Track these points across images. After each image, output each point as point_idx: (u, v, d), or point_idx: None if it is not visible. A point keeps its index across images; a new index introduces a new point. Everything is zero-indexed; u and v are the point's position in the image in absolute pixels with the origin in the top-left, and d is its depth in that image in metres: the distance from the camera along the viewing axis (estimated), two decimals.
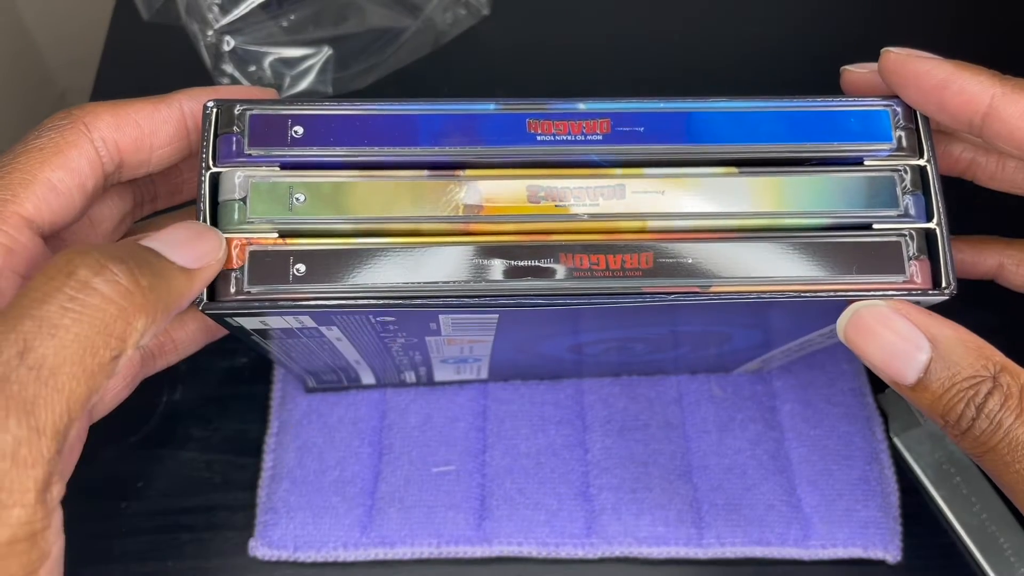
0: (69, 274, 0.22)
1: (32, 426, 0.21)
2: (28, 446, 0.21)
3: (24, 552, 0.22)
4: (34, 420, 0.21)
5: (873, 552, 0.41)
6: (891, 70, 0.29)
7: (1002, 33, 0.57)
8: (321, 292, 0.27)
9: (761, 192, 0.28)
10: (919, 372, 0.27)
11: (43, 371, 0.22)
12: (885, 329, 0.27)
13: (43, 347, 0.22)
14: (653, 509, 0.42)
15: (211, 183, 0.28)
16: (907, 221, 0.28)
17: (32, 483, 0.21)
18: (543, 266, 0.27)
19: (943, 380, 0.26)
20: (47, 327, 0.22)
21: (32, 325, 0.22)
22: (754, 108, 0.29)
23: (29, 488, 0.21)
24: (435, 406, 0.45)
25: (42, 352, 0.22)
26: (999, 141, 0.28)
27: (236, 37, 0.52)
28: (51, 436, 0.22)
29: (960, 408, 0.26)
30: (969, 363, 0.26)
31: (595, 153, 0.28)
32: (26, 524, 0.22)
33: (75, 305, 0.22)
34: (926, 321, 0.27)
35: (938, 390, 0.26)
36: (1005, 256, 0.36)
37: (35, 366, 0.22)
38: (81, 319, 0.22)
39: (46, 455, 0.22)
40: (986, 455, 0.26)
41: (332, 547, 0.41)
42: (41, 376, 0.22)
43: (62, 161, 0.27)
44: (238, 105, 0.28)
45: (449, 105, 0.28)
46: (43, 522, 0.22)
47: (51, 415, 0.22)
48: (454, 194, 0.28)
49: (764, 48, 0.57)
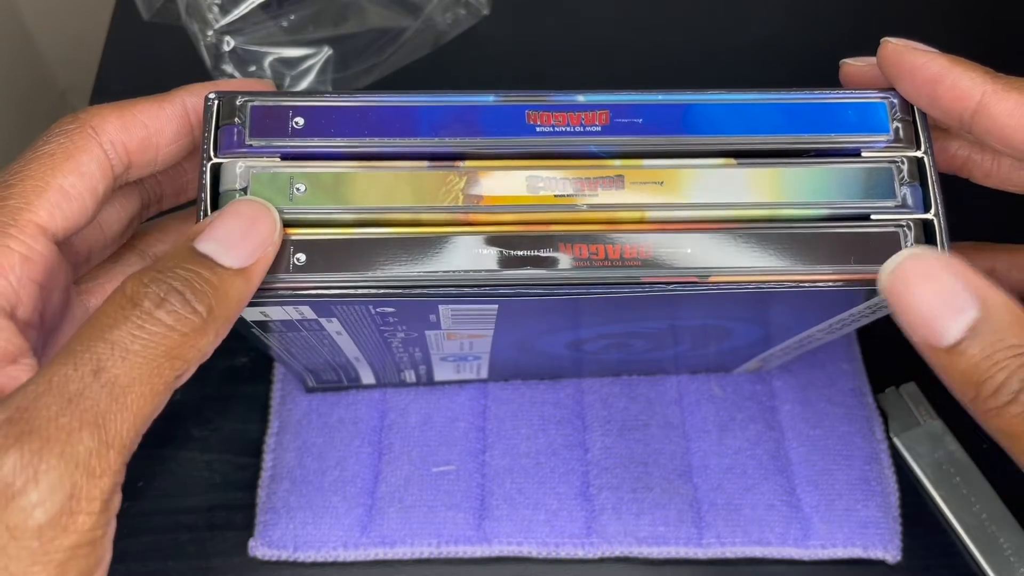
0: (135, 304, 0.24)
1: (103, 439, 0.23)
2: (98, 458, 0.23)
3: (84, 556, 0.23)
4: (104, 434, 0.23)
5: (873, 552, 0.41)
6: (888, 60, 0.29)
7: (1002, 30, 0.58)
8: (321, 282, 0.27)
9: (759, 183, 0.28)
10: (960, 333, 0.25)
11: (115, 389, 0.23)
12: (931, 283, 0.25)
13: (115, 368, 0.23)
14: (653, 509, 0.42)
15: (212, 174, 0.28)
16: (905, 212, 0.28)
17: (99, 492, 0.23)
18: (542, 256, 0.27)
19: (985, 345, 0.24)
20: (119, 351, 0.23)
21: (105, 348, 0.23)
22: (752, 100, 0.29)
23: (96, 497, 0.23)
24: (435, 406, 0.45)
25: (115, 372, 0.23)
26: (988, 137, 0.28)
27: (236, 37, 0.52)
28: (118, 449, 0.23)
29: (1001, 378, 0.24)
30: (1016, 331, 0.24)
31: (594, 144, 0.28)
32: (90, 531, 0.23)
33: (143, 333, 0.24)
34: (976, 281, 0.25)
35: (977, 355, 0.24)
36: (996, 260, 0.36)
37: (108, 384, 0.23)
38: (149, 345, 0.24)
39: (113, 466, 0.23)
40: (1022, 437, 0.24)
41: (332, 547, 0.41)
42: (113, 394, 0.23)
43: (73, 166, 0.28)
44: (239, 97, 0.28)
45: (449, 97, 0.29)
46: (104, 529, 0.24)
47: (120, 429, 0.23)
48: (454, 185, 0.28)
49: (762, 44, 0.57)
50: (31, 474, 0.22)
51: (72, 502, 0.22)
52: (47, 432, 0.22)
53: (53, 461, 0.22)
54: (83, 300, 0.32)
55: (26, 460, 0.22)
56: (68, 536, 0.22)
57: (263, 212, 0.27)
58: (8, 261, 0.26)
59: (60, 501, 0.22)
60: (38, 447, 0.22)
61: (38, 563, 0.22)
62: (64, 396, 0.23)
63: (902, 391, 0.44)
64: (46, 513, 0.22)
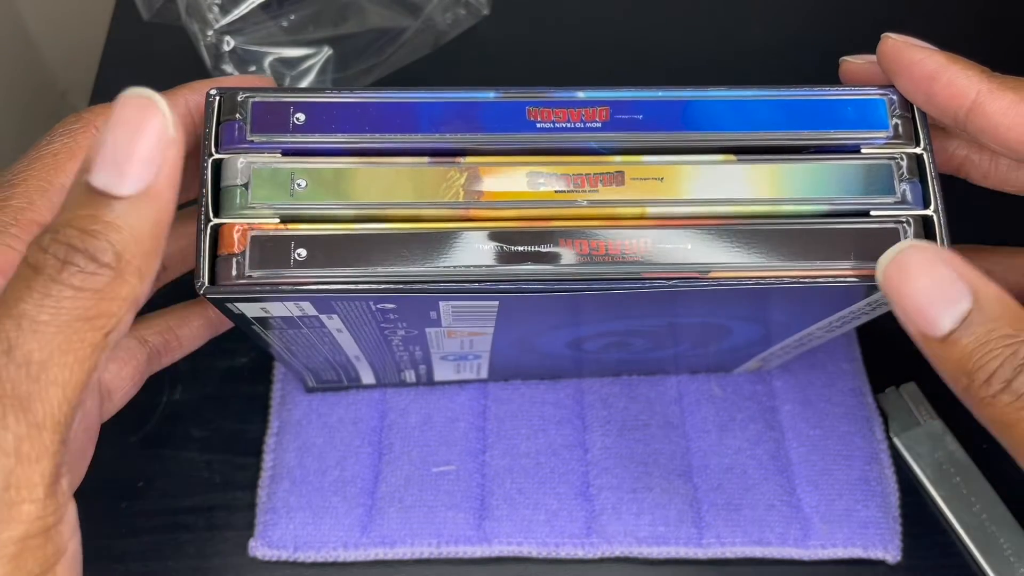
0: (38, 271, 0.22)
1: (31, 421, 0.22)
2: (30, 441, 0.21)
3: (39, 547, 0.22)
4: (32, 415, 0.22)
5: (873, 552, 0.41)
6: (887, 56, 0.29)
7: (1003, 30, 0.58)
8: (322, 277, 0.27)
9: (759, 179, 0.28)
10: (954, 323, 0.25)
11: (32, 366, 0.22)
12: (926, 274, 0.26)
13: (27, 343, 0.22)
14: (653, 509, 0.42)
15: (213, 170, 0.28)
16: (905, 208, 0.28)
17: (39, 477, 0.22)
18: (543, 251, 0.27)
19: (979, 334, 0.25)
20: (27, 323, 0.22)
21: (12, 324, 0.22)
22: (752, 96, 0.29)
23: (36, 482, 0.22)
24: (435, 406, 0.45)
25: (27, 348, 0.22)
26: (982, 136, 0.28)
27: (236, 37, 0.52)
28: (51, 428, 0.22)
29: (992, 367, 0.24)
30: (1008, 322, 0.25)
31: (594, 140, 0.28)
32: (38, 519, 0.22)
33: (49, 302, 0.22)
34: (971, 274, 0.26)
35: (970, 344, 0.25)
36: (992, 263, 0.36)
37: (23, 363, 0.22)
38: (59, 311, 0.22)
39: (50, 448, 0.22)
40: (1018, 424, 0.24)
41: (332, 547, 0.41)
42: (31, 372, 0.22)
43: (76, 166, 0.28)
44: (240, 93, 0.28)
45: (450, 93, 0.29)
46: (55, 515, 0.23)
47: (48, 407, 0.22)
48: (455, 180, 0.28)
49: (762, 42, 0.58)
50: None
51: (11, 492, 0.21)
52: None
53: None
54: None
55: None
56: (14, 528, 0.21)
57: (146, 109, 0.23)
58: (9, 260, 0.26)
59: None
60: None
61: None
62: None
63: (902, 391, 0.44)
64: None
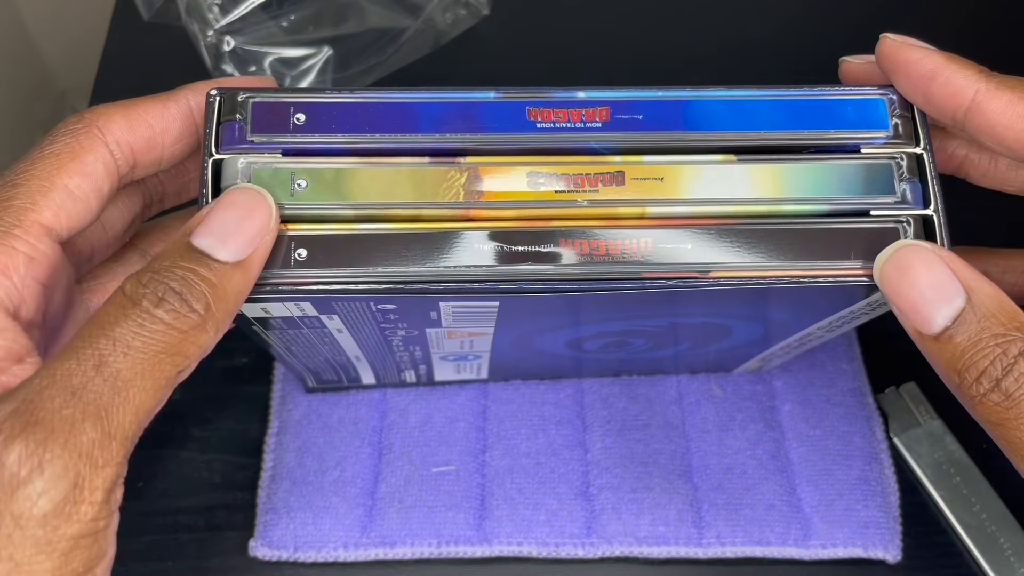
0: (135, 303, 0.24)
1: (105, 431, 0.23)
2: (101, 448, 0.23)
3: (87, 547, 0.23)
4: (107, 425, 0.23)
5: (873, 552, 0.41)
6: (886, 56, 0.29)
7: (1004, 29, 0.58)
8: (322, 277, 0.27)
9: (759, 179, 0.28)
10: (948, 320, 0.26)
11: (117, 383, 0.24)
12: (923, 272, 0.26)
13: (117, 363, 0.24)
14: (653, 509, 0.42)
15: (214, 170, 0.28)
16: (905, 207, 0.28)
17: (102, 482, 0.23)
18: (543, 251, 0.27)
19: (971, 333, 0.25)
20: (121, 346, 0.24)
21: (107, 343, 0.24)
22: (752, 96, 0.29)
23: (99, 487, 0.23)
24: (435, 406, 0.45)
25: (117, 367, 0.24)
26: (981, 136, 0.28)
27: (236, 37, 0.52)
28: (120, 441, 0.24)
29: (983, 365, 0.25)
30: (1001, 320, 0.25)
31: (594, 140, 0.28)
32: (92, 521, 0.23)
33: (143, 331, 0.24)
34: (966, 272, 0.26)
35: (963, 342, 0.25)
36: (990, 264, 0.36)
37: (110, 378, 0.23)
38: (150, 342, 0.24)
39: (115, 457, 0.23)
40: (1007, 423, 0.25)
41: (332, 547, 0.41)
42: (115, 387, 0.23)
43: (78, 167, 0.28)
44: (241, 93, 0.28)
45: (450, 93, 0.29)
46: (106, 521, 0.24)
47: (122, 422, 0.24)
48: (455, 180, 0.28)
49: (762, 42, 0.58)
50: (36, 463, 0.22)
51: (76, 491, 0.23)
52: (51, 423, 0.22)
53: (57, 451, 0.22)
54: (85, 299, 0.32)
55: (31, 450, 0.22)
56: (72, 525, 0.23)
57: (258, 201, 0.27)
58: (13, 262, 0.26)
59: (64, 490, 0.22)
60: (43, 437, 0.22)
61: (42, 552, 0.22)
62: (68, 389, 0.23)
63: (902, 391, 0.44)
64: (50, 501, 0.22)
